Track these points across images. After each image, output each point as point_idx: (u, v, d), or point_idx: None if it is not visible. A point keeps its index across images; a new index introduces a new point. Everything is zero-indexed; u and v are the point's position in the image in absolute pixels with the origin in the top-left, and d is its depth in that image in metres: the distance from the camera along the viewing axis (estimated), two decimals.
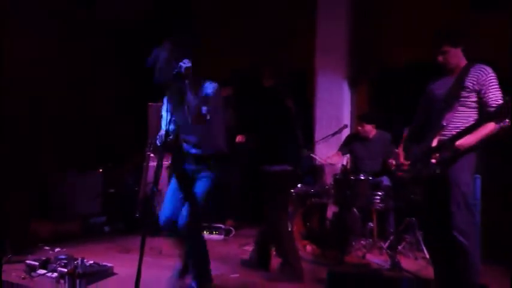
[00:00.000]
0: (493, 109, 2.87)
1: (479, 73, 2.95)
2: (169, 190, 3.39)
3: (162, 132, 3.13)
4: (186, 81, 2.98)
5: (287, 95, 4.07)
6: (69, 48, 5.91)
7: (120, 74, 6.36)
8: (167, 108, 3.28)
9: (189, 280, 3.36)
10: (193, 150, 3.26)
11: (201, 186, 3.23)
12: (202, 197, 3.21)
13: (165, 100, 3.32)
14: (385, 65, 5.82)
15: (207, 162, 3.24)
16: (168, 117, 3.23)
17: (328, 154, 5.22)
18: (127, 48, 6.30)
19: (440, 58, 3.07)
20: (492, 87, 2.93)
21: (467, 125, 2.95)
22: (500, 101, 2.86)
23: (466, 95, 2.97)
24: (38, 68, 5.45)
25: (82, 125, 5.87)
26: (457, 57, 3.06)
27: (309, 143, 5.25)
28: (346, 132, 5.39)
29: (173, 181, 3.40)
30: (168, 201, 3.34)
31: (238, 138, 5.38)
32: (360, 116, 5.30)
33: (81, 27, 6.06)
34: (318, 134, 5.69)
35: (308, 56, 5.90)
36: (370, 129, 5.05)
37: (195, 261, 3.31)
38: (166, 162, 5.68)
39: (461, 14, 4.98)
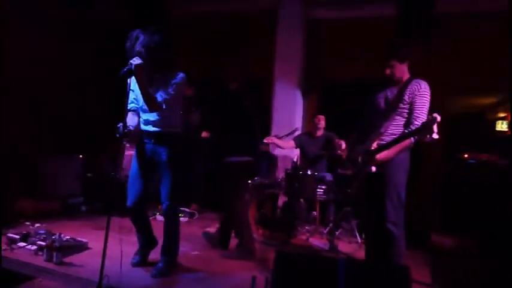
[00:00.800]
0: (415, 122, 2.85)
1: (414, 87, 2.92)
2: (131, 176, 3.26)
3: (120, 124, 2.88)
4: (140, 76, 2.86)
5: (247, 97, 4.07)
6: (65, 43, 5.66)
7: (105, 71, 6.13)
8: (133, 104, 3.19)
9: (158, 257, 3.29)
10: (153, 129, 3.15)
11: (167, 173, 3.15)
12: (172, 181, 3.14)
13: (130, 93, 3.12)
14: (331, 78, 5.94)
15: (164, 140, 3.13)
16: (130, 115, 3.14)
17: (282, 150, 5.26)
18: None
19: (387, 71, 3.05)
20: (421, 101, 2.90)
21: (399, 131, 2.95)
22: (423, 116, 2.84)
23: (403, 106, 2.96)
24: (37, 62, 5.20)
25: (67, 116, 5.65)
26: (401, 71, 3.04)
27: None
28: (297, 134, 5.44)
29: (134, 167, 3.26)
30: (132, 186, 3.23)
31: (203, 134, 5.35)
32: (318, 112, 5.37)
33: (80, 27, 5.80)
34: (274, 134, 5.70)
35: (267, 67, 5.92)
36: (323, 125, 5.08)
37: (169, 240, 3.27)
38: (131, 152, 5.56)
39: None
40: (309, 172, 4.66)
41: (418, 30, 4.67)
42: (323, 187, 4.69)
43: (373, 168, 2.96)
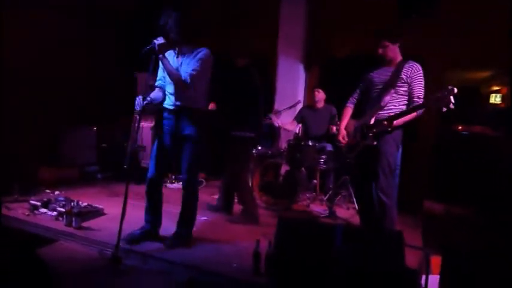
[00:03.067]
0: (418, 100, 3.00)
1: (411, 69, 3.05)
2: (154, 148, 3.24)
3: (140, 97, 2.97)
4: (163, 54, 2.92)
5: (255, 73, 4.05)
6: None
7: (115, 49, 6.08)
8: (159, 75, 3.21)
9: (175, 227, 3.26)
10: (177, 102, 3.07)
11: (189, 148, 3.09)
12: (193, 157, 3.10)
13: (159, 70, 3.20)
14: (331, 53, 5.87)
15: (187, 115, 3.06)
16: (155, 87, 3.19)
17: (285, 122, 5.27)
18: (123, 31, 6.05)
19: (380, 50, 3.13)
20: (418, 82, 3.04)
21: (398, 108, 3.07)
22: (422, 95, 3.01)
23: (400, 84, 3.06)
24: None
25: (84, 91, 5.65)
26: (394, 52, 3.13)
27: (269, 113, 5.26)
28: (300, 106, 5.43)
29: (156, 142, 3.24)
30: (154, 158, 3.20)
31: (211, 106, 5.35)
32: (315, 85, 5.35)
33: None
34: (277, 106, 5.71)
35: (271, 43, 5.85)
36: (322, 97, 5.06)
37: (187, 212, 3.24)
38: (150, 124, 5.60)
39: (391, 18, 4.99)
40: (310, 143, 4.68)
41: (418, 8, 4.57)
42: (323, 157, 4.73)
43: (374, 142, 3.06)
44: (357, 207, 4.50)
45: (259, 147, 5.04)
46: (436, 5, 4.76)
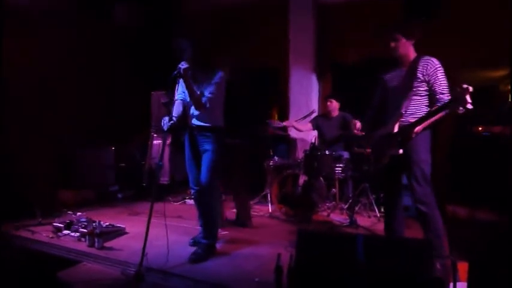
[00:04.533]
0: (442, 96, 2.76)
1: (427, 65, 2.81)
2: (187, 162, 3.41)
3: (166, 118, 3.20)
4: (187, 78, 3.10)
5: (237, 83, 4.23)
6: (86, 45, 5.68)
7: (130, 69, 6.18)
8: (180, 93, 3.37)
9: (199, 238, 3.40)
10: (197, 122, 3.30)
11: (207, 159, 3.26)
12: (210, 167, 3.24)
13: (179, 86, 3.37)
14: (342, 60, 5.88)
15: (208, 133, 3.27)
16: (176, 101, 3.36)
17: (300, 132, 5.26)
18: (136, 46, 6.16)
19: (392, 44, 2.90)
20: (439, 77, 2.80)
21: (421, 111, 2.86)
22: (446, 90, 2.77)
23: (418, 85, 2.84)
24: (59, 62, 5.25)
25: (99, 111, 5.75)
26: (406, 48, 2.91)
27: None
28: (314, 115, 5.41)
29: (187, 154, 3.41)
30: (189, 171, 3.40)
31: None
32: (328, 94, 5.31)
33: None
34: (292, 117, 5.71)
35: (282, 55, 5.90)
36: (336, 107, 5.04)
37: (208, 222, 3.34)
38: (167, 141, 5.66)
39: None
40: (326, 152, 4.65)
41: (425, 10, 4.53)
42: (341, 165, 4.69)
43: (400, 151, 2.86)
44: (378, 214, 4.46)
45: (276, 159, 5.04)
46: (445, 5, 4.70)
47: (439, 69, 2.81)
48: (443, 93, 2.78)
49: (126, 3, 5.76)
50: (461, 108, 2.44)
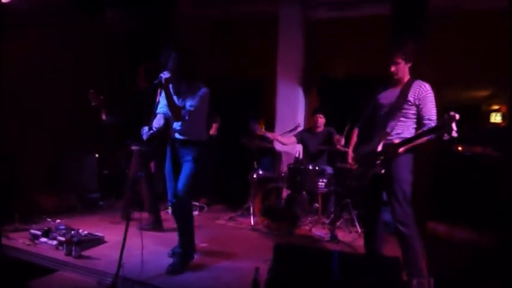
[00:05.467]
0: (429, 122, 2.82)
1: (419, 89, 2.89)
2: (167, 173, 3.41)
3: (146, 128, 3.20)
4: (168, 88, 3.09)
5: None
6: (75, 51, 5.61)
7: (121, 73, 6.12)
8: (162, 105, 3.35)
9: (176, 248, 3.37)
10: (179, 136, 3.32)
11: (186, 168, 3.27)
12: (188, 177, 3.24)
13: (160, 99, 3.35)
14: (329, 76, 5.97)
15: (190, 146, 3.28)
16: (157, 114, 3.35)
17: (285, 145, 5.30)
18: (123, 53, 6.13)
19: (393, 68, 2.96)
20: (428, 103, 2.87)
21: (407, 132, 2.92)
22: (434, 116, 2.84)
23: (407, 107, 2.91)
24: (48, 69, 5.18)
25: (84, 117, 5.65)
26: (404, 71, 2.98)
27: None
28: (299, 129, 5.46)
29: (168, 166, 3.40)
30: (168, 183, 3.39)
31: (213, 129, 5.49)
32: (317, 109, 5.33)
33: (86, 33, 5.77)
34: (278, 131, 5.75)
35: (270, 68, 5.96)
36: (322, 122, 5.09)
37: (184, 231, 3.35)
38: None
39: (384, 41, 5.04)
40: (310, 166, 4.68)
41: (412, 28, 4.63)
42: (324, 180, 4.71)
43: (383, 170, 2.92)
44: (359, 230, 4.49)
45: (260, 172, 5.05)
46: (429, 25, 4.81)
47: (429, 95, 2.89)
48: (430, 120, 2.85)
49: (116, 7, 5.74)
50: (446, 134, 2.51)
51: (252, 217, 4.81)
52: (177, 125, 3.30)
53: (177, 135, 3.33)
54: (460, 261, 3.35)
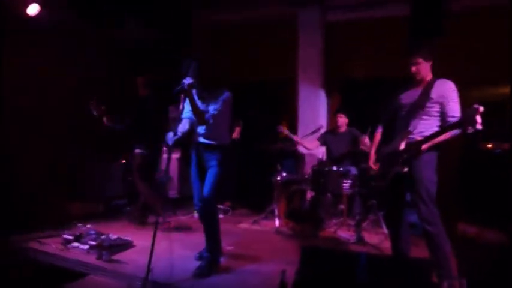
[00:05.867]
0: (453, 119, 2.77)
1: (442, 87, 2.87)
2: (192, 178, 3.47)
3: (171, 133, 3.24)
4: (191, 93, 3.16)
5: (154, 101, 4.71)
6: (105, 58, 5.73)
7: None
8: (187, 111, 3.39)
9: (204, 252, 3.43)
10: (203, 140, 3.37)
11: (212, 173, 3.32)
12: (214, 182, 3.29)
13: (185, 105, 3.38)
14: (350, 77, 5.93)
15: (214, 150, 3.33)
16: (183, 119, 3.41)
17: (303, 140, 5.29)
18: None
19: (413, 68, 2.95)
20: (452, 100, 2.84)
21: (430, 130, 2.87)
22: (458, 113, 2.79)
23: (431, 105, 2.88)
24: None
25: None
26: (426, 70, 2.96)
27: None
28: (322, 131, 5.44)
29: (193, 171, 3.46)
30: (195, 188, 3.45)
31: (236, 132, 5.56)
32: (338, 109, 5.29)
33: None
34: (301, 133, 5.75)
35: (291, 72, 5.99)
36: (344, 122, 5.05)
37: (211, 235, 3.39)
38: (176, 155, 5.73)
39: (403, 42, 4.93)
40: (334, 168, 4.66)
41: (430, 28, 4.55)
42: (348, 181, 4.68)
43: (406, 169, 2.89)
44: (385, 231, 4.42)
45: (284, 174, 5.05)
46: (449, 25, 4.72)
47: (453, 92, 2.86)
48: (454, 117, 2.80)
49: (136, 17, 5.85)
50: (470, 128, 2.46)
51: (276, 220, 4.81)
52: (201, 129, 3.36)
53: (201, 139, 3.38)
54: (490, 263, 3.26)
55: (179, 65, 3.28)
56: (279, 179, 5.02)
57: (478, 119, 2.41)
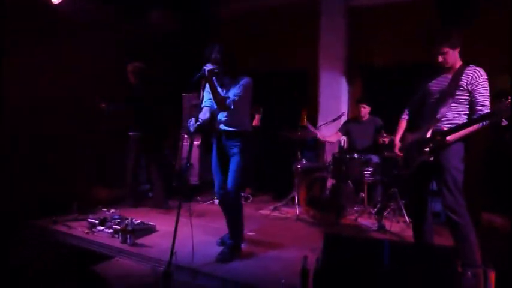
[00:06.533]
0: (482, 109, 2.73)
1: (472, 74, 2.78)
2: (213, 166, 3.49)
3: (192, 120, 3.25)
4: (212, 79, 3.15)
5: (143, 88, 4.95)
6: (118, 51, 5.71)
7: (162, 71, 6.23)
8: (208, 98, 3.40)
9: (226, 238, 3.49)
10: (224, 127, 3.37)
11: (235, 162, 3.32)
12: (237, 172, 3.30)
13: (204, 93, 3.39)
14: (373, 64, 5.81)
15: (235, 137, 3.33)
16: (203, 105, 3.41)
17: (326, 134, 5.25)
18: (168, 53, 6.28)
19: (440, 58, 2.86)
20: (482, 88, 2.77)
21: (458, 118, 2.83)
22: (487, 103, 2.74)
23: (460, 93, 2.81)
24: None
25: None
26: (454, 57, 2.87)
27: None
28: (344, 118, 5.38)
29: (214, 158, 3.48)
30: (216, 175, 3.47)
31: (255, 120, 5.58)
32: (360, 99, 5.21)
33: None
34: (321, 120, 5.71)
35: (312, 57, 5.91)
36: (367, 111, 5.02)
37: (234, 223, 3.43)
38: (197, 142, 5.78)
39: (428, 27, 4.69)
40: (355, 155, 4.63)
41: (458, 13, 4.39)
42: (370, 169, 4.64)
43: (431, 158, 2.85)
44: (407, 220, 4.39)
45: (304, 162, 5.04)
46: (479, 12, 4.55)
47: (483, 80, 2.79)
48: (483, 106, 2.75)
49: (162, 8, 5.87)
50: (504, 120, 2.43)
51: (297, 207, 4.83)
52: (222, 116, 3.36)
53: (222, 127, 3.39)
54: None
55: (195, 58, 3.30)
56: (299, 166, 5.01)
57: None
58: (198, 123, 3.26)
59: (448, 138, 2.77)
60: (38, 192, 4.49)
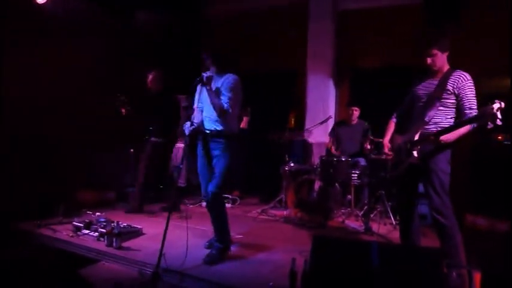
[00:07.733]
0: (470, 112, 2.77)
1: (459, 78, 2.83)
2: (200, 168, 3.46)
3: (187, 123, 3.27)
4: (210, 86, 3.21)
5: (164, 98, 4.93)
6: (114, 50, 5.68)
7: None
8: (199, 101, 3.41)
9: (214, 240, 3.45)
10: (210, 126, 3.33)
11: (219, 164, 3.29)
12: (221, 175, 3.27)
13: (197, 95, 3.41)
14: (360, 67, 5.87)
15: (220, 138, 3.30)
16: (197, 109, 3.42)
17: (316, 137, 5.28)
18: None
19: (429, 60, 2.91)
20: (469, 92, 2.82)
21: (445, 122, 2.88)
22: (474, 106, 2.78)
23: (447, 96, 2.86)
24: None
25: (118, 116, 5.75)
26: (442, 61, 2.92)
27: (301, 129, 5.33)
28: (331, 121, 5.43)
29: (200, 161, 3.44)
30: (202, 178, 3.45)
31: (243, 122, 5.58)
32: (351, 102, 5.27)
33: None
34: (309, 123, 5.75)
35: (301, 61, 5.96)
36: (357, 115, 5.06)
37: (219, 226, 3.40)
38: (183, 144, 5.73)
39: (415, 31, 4.82)
40: (342, 158, 4.66)
41: (446, 16, 4.47)
42: (357, 172, 4.69)
43: (419, 160, 2.88)
44: (393, 222, 4.44)
45: (292, 164, 5.07)
46: (464, 14, 4.64)
47: (469, 84, 2.83)
48: (471, 109, 2.80)
49: (147, 10, 5.84)
50: (490, 123, 2.45)
51: (284, 209, 4.83)
52: (208, 118, 3.33)
53: (207, 126, 3.34)
54: (500, 255, 3.26)
55: (187, 59, 3.33)
56: (287, 169, 5.03)
57: (499, 114, 2.39)
58: (192, 127, 3.27)
59: (441, 138, 2.79)
60: (37, 192, 4.46)
